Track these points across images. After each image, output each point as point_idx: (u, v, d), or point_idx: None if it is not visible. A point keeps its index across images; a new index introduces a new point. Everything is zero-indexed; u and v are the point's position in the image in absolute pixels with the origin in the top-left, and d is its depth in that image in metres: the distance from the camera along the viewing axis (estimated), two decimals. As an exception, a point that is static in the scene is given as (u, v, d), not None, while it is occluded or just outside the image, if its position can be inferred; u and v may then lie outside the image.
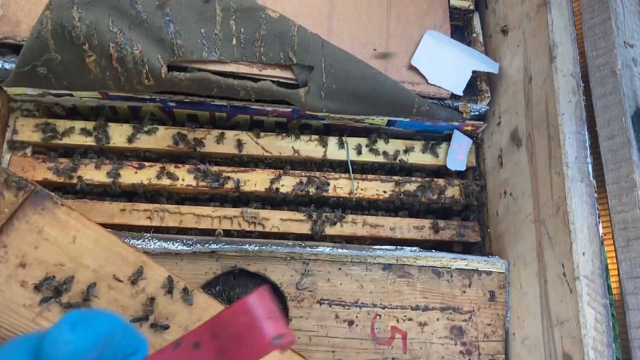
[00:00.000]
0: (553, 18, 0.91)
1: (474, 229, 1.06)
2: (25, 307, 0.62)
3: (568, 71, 0.88)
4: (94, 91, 0.96)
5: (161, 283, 0.66)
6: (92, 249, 0.64)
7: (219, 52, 0.93)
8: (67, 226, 0.65)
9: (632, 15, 0.92)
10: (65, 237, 0.64)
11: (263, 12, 0.94)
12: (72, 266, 0.63)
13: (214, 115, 1.06)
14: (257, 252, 0.90)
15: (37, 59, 0.87)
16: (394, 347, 0.90)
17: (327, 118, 1.03)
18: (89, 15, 0.86)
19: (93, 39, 0.87)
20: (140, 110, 1.04)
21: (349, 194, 1.04)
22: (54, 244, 0.63)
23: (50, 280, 0.62)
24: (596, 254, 0.79)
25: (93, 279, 0.64)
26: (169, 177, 0.99)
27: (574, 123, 0.85)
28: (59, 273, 0.63)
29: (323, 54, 0.95)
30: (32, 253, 0.63)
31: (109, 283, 0.64)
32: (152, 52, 0.89)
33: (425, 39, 1.06)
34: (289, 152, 1.05)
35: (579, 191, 0.81)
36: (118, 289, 0.64)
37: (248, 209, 1.00)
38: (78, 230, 0.65)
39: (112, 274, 0.64)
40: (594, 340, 0.75)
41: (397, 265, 0.94)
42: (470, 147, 1.09)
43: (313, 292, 0.91)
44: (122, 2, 0.87)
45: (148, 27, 0.88)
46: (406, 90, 1.00)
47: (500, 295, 0.95)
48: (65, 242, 0.64)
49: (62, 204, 0.65)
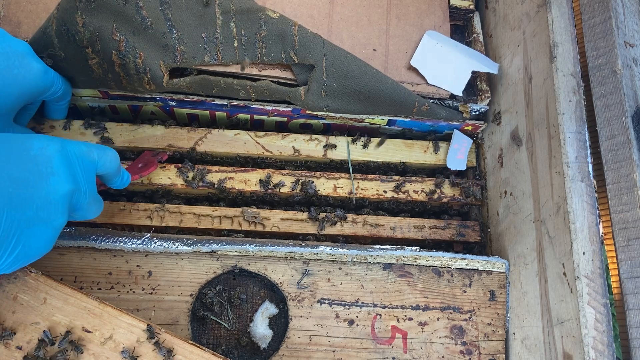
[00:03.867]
0: (553, 18, 0.91)
1: (474, 228, 1.06)
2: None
3: (568, 71, 0.88)
4: (94, 89, 0.96)
5: (125, 329, 0.75)
6: (61, 307, 0.74)
7: (221, 56, 0.94)
8: (37, 290, 0.74)
9: (633, 15, 0.92)
10: (37, 299, 0.74)
11: (263, 13, 0.94)
12: (46, 324, 0.73)
13: (214, 115, 1.06)
14: (258, 251, 0.90)
15: (42, 52, 0.88)
16: (394, 346, 0.90)
17: (328, 117, 1.03)
18: (93, 22, 0.86)
19: (96, 45, 0.87)
20: (141, 109, 1.04)
21: (349, 194, 1.04)
22: (27, 307, 0.73)
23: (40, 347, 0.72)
24: (596, 253, 0.79)
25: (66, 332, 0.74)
26: (169, 177, 1.00)
27: (574, 123, 0.85)
28: (35, 331, 0.72)
29: (324, 52, 0.95)
30: (11, 317, 0.73)
31: (80, 335, 0.73)
32: (155, 58, 0.90)
33: (425, 39, 1.07)
34: (289, 152, 1.05)
35: (579, 191, 0.81)
36: (88, 339, 0.74)
37: (248, 208, 1.00)
38: (47, 292, 0.75)
39: (82, 326, 0.74)
40: (594, 339, 0.75)
41: (397, 264, 0.94)
42: (470, 146, 1.09)
43: (313, 291, 0.91)
44: (128, 8, 0.87)
45: (152, 32, 0.89)
46: (406, 90, 1.01)
47: (500, 295, 0.95)
48: (37, 304, 0.74)
49: (31, 271, 0.75)
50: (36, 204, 0.65)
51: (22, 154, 0.66)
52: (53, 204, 0.67)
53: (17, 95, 0.80)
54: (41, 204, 0.65)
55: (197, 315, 0.89)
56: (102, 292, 0.87)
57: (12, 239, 0.63)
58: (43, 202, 0.66)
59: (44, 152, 0.68)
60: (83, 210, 0.75)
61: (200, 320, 0.90)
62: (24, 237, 0.64)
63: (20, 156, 0.65)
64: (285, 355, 0.88)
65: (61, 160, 0.69)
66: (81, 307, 0.74)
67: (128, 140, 1.00)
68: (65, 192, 0.69)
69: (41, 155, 0.67)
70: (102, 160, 0.77)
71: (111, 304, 0.76)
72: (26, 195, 0.64)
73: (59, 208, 0.68)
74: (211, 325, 0.90)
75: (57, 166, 0.68)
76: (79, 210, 0.75)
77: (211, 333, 0.90)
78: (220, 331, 0.90)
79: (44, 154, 0.68)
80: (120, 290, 0.87)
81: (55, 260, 0.87)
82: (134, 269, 0.88)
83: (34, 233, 0.65)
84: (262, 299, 0.92)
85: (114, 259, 0.88)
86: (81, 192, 0.73)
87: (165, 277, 0.89)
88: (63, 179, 0.69)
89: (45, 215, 0.66)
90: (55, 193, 0.67)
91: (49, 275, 0.76)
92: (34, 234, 0.65)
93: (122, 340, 0.74)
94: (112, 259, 0.88)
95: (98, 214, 0.80)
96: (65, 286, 0.75)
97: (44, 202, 0.66)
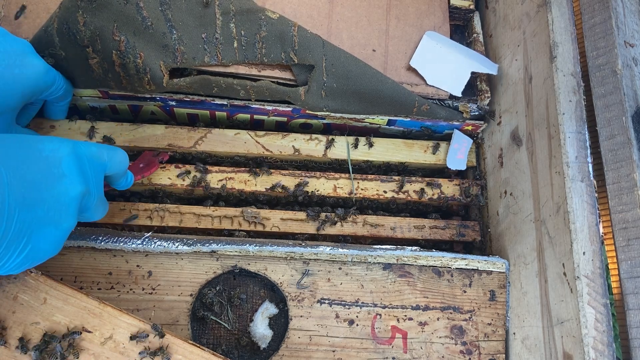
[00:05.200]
0: (553, 18, 0.91)
1: (474, 228, 1.06)
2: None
3: (568, 71, 0.88)
4: (95, 89, 0.96)
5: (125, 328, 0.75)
6: (61, 307, 0.74)
7: (221, 56, 0.94)
8: (38, 290, 0.74)
9: (633, 15, 0.92)
10: (37, 299, 0.74)
11: (262, 14, 0.94)
12: (46, 324, 0.73)
13: (214, 115, 1.06)
14: (258, 251, 0.90)
15: (43, 51, 0.88)
16: (395, 346, 0.90)
17: (328, 117, 1.03)
18: (94, 21, 0.86)
19: (97, 44, 0.87)
20: (141, 109, 1.04)
21: (349, 194, 1.04)
22: (28, 307, 0.73)
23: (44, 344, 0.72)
24: (596, 253, 0.79)
25: (66, 333, 0.73)
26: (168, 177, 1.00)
27: (574, 123, 0.85)
28: (36, 332, 0.72)
29: (324, 53, 0.96)
30: (11, 317, 0.73)
31: (80, 335, 0.73)
32: (155, 58, 0.90)
33: (425, 40, 1.07)
34: (289, 151, 1.05)
35: (579, 191, 0.81)
36: (88, 339, 0.74)
37: (248, 208, 1.00)
38: (47, 292, 0.74)
39: (82, 326, 0.73)
40: (594, 339, 0.75)
41: (397, 264, 0.94)
42: (470, 146, 1.09)
43: (313, 291, 0.91)
44: (128, 8, 0.87)
45: (153, 32, 0.89)
46: (406, 90, 1.01)
47: (500, 295, 0.95)
48: (37, 304, 0.74)
49: (31, 271, 0.75)
50: (47, 206, 0.65)
51: (34, 156, 0.66)
52: (64, 206, 0.67)
53: (18, 94, 0.80)
54: (52, 205, 0.66)
55: (197, 315, 0.89)
56: (102, 292, 0.87)
57: (22, 239, 0.63)
58: (54, 203, 0.66)
59: (56, 154, 0.68)
60: (90, 212, 0.75)
61: (200, 320, 0.90)
62: (34, 237, 0.64)
63: (32, 158, 0.65)
64: (285, 355, 0.88)
65: (73, 162, 0.69)
66: (81, 307, 0.74)
67: (128, 140, 1.00)
68: (76, 194, 0.69)
69: (53, 157, 0.68)
70: (112, 161, 0.77)
71: (111, 304, 0.76)
72: (38, 197, 0.64)
73: (69, 210, 0.68)
74: (211, 325, 0.90)
75: (69, 168, 0.69)
76: (86, 212, 0.75)
77: (211, 333, 0.90)
78: (220, 331, 0.90)
79: (56, 156, 0.68)
80: (120, 290, 0.87)
81: (55, 260, 0.87)
82: (134, 269, 0.88)
83: (43, 234, 0.65)
84: (262, 299, 0.92)
85: (114, 259, 0.88)
86: (91, 194, 0.73)
87: (165, 277, 0.89)
88: (74, 181, 0.69)
89: (56, 217, 0.66)
90: (66, 195, 0.68)
91: (49, 275, 0.76)
92: (44, 235, 0.65)
93: (122, 340, 0.74)
94: (112, 259, 0.88)
95: (103, 215, 0.80)
96: (65, 286, 0.75)
97: (55, 203, 0.66)
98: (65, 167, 0.68)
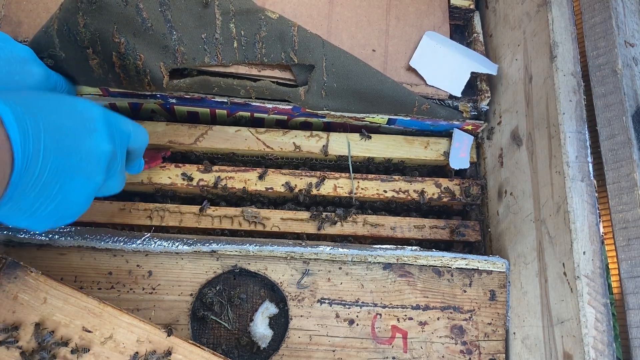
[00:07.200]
0: (553, 17, 0.91)
1: (474, 228, 1.06)
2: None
3: (568, 70, 0.88)
4: (95, 87, 0.96)
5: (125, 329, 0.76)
6: (61, 307, 0.74)
7: (221, 56, 0.94)
8: (38, 289, 0.75)
9: (633, 15, 0.92)
10: (37, 299, 0.74)
11: (262, 14, 0.94)
12: (47, 324, 0.73)
13: (214, 113, 1.06)
14: (258, 251, 0.90)
15: (43, 52, 0.88)
16: (395, 346, 0.90)
17: (328, 116, 1.03)
18: (94, 23, 0.86)
19: (97, 46, 0.87)
20: (141, 107, 1.05)
21: (350, 194, 1.04)
22: (28, 306, 0.74)
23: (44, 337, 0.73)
24: (597, 253, 0.79)
25: (65, 332, 0.74)
26: (168, 177, 1.00)
27: (574, 122, 0.85)
28: (35, 331, 0.73)
29: (324, 52, 0.96)
30: (11, 317, 0.73)
31: (80, 335, 0.74)
32: (155, 60, 0.90)
33: (424, 40, 1.06)
34: (290, 148, 1.05)
35: (579, 190, 0.81)
36: (88, 339, 0.74)
37: (248, 208, 1.00)
38: (47, 292, 0.75)
39: (82, 326, 0.74)
40: (594, 339, 0.75)
41: (397, 264, 0.94)
42: (472, 143, 1.09)
43: (313, 291, 0.91)
44: (128, 9, 0.87)
45: (153, 34, 0.89)
46: (406, 89, 1.01)
47: (500, 295, 0.95)
48: (38, 303, 0.74)
49: (31, 270, 0.75)
50: (80, 155, 0.67)
51: (69, 109, 0.69)
52: (95, 158, 0.69)
53: None
54: (84, 156, 0.68)
55: (197, 315, 0.89)
56: (102, 291, 0.87)
57: (55, 185, 0.65)
58: (86, 154, 0.68)
59: (89, 111, 0.71)
60: (113, 180, 0.78)
61: (201, 320, 0.90)
62: (66, 186, 0.66)
63: (67, 110, 0.68)
64: (286, 355, 0.88)
65: (104, 122, 0.72)
66: (81, 306, 0.75)
67: (128, 140, 1.01)
68: (106, 150, 0.71)
69: (87, 113, 0.71)
70: (135, 133, 0.80)
71: (111, 304, 0.76)
72: (72, 145, 0.66)
73: (100, 164, 0.70)
74: (211, 325, 0.90)
75: (100, 126, 0.71)
76: (109, 180, 0.77)
77: (211, 333, 0.90)
78: (220, 331, 0.90)
79: (89, 112, 0.71)
80: (120, 290, 0.87)
81: (55, 260, 0.87)
82: (134, 269, 0.88)
83: (74, 185, 0.67)
84: (262, 298, 0.92)
85: (114, 259, 0.88)
86: (117, 159, 0.75)
87: (165, 276, 0.89)
88: (105, 138, 0.71)
89: (88, 169, 0.68)
90: (98, 148, 0.70)
91: (49, 275, 0.76)
92: (75, 185, 0.67)
93: (122, 340, 0.74)
94: (112, 259, 0.88)
95: (121, 188, 0.83)
96: (65, 286, 0.76)
97: (87, 155, 0.68)
98: (98, 124, 0.71)
